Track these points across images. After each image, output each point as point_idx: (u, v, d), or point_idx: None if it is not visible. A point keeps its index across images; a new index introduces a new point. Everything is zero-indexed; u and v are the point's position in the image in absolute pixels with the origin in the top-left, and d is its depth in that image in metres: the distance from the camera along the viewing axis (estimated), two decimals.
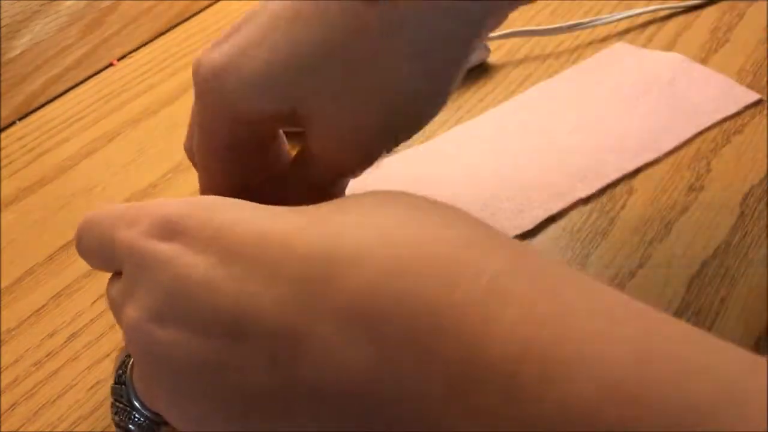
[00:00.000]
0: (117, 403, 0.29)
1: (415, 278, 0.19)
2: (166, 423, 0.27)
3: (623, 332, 0.18)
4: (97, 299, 0.39)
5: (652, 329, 0.18)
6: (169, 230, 0.23)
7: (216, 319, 0.21)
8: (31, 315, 0.39)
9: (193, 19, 0.61)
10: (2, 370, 0.37)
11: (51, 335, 0.38)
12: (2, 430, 0.34)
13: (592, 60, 0.51)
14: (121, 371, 0.29)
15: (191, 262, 0.22)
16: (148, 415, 0.28)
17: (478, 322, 0.18)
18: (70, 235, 0.43)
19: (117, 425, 0.29)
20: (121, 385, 0.29)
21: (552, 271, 0.20)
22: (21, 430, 0.34)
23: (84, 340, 0.38)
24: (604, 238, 0.39)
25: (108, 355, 0.37)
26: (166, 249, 0.23)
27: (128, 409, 0.28)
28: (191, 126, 0.32)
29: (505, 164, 0.43)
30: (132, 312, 0.24)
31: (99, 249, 0.27)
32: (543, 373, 0.17)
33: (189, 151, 0.33)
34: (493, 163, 0.43)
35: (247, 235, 0.22)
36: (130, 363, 0.28)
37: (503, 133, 0.46)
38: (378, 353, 0.19)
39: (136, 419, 0.28)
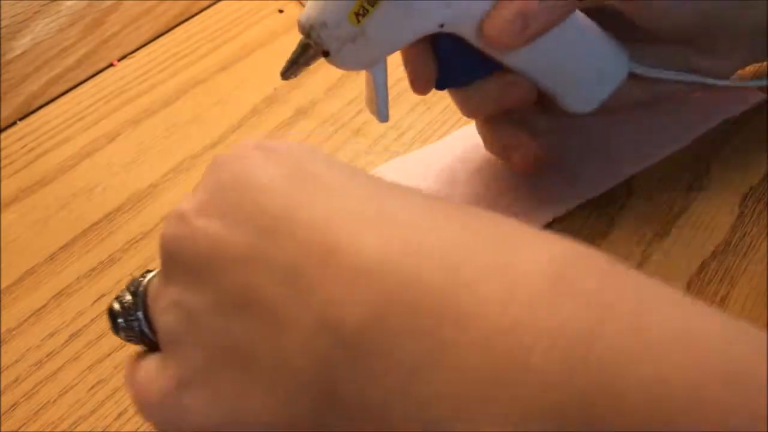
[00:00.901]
0: (125, 293, 0.27)
1: (469, 249, 0.20)
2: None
3: (615, 327, 0.18)
4: (98, 299, 0.40)
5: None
6: (268, 146, 0.25)
7: (255, 216, 0.22)
8: (31, 315, 0.39)
9: (193, 20, 0.61)
10: (2, 370, 0.37)
11: (51, 335, 0.38)
12: (2, 430, 0.34)
13: None
14: (146, 272, 0.28)
15: (262, 166, 0.24)
16: (143, 326, 0.27)
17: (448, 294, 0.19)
18: (71, 234, 0.43)
19: (110, 312, 0.28)
20: (142, 277, 0.28)
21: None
22: (21, 430, 0.34)
23: (84, 340, 0.38)
24: (604, 239, 0.39)
25: (108, 355, 0.37)
26: (254, 152, 0.24)
27: (131, 304, 0.27)
28: None
29: (503, 174, 0.43)
30: (184, 201, 0.25)
31: None
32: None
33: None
34: (496, 165, 0.43)
35: (323, 171, 0.23)
36: (151, 276, 0.27)
37: None
38: (378, 303, 0.19)
39: (130, 320, 0.27)
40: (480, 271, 0.19)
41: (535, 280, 0.19)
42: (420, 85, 0.37)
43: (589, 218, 0.40)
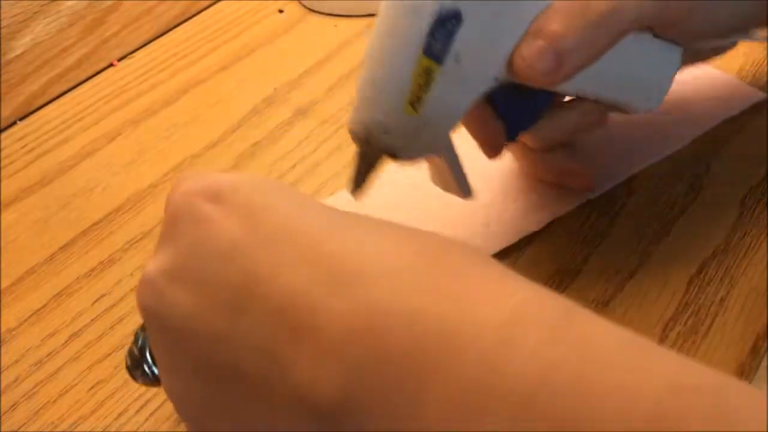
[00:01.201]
0: (133, 348, 0.29)
1: (434, 299, 0.20)
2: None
3: (652, 363, 0.18)
4: (98, 299, 0.40)
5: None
6: (217, 194, 0.25)
7: (224, 290, 0.22)
8: (31, 315, 0.39)
9: (193, 20, 0.61)
10: (2, 370, 0.37)
11: (51, 335, 0.38)
12: (2, 430, 0.34)
13: None
14: None
15: (222, 229, 0.23)
16: (156, 372, 0.28)
17: (492, 349, 0.19)
18: (71, 235, 0.43)
19: (127, 368, 0.30)
20: (143, 330, 0.30)
21: (566, 304, 0.21)
22: (21, 430, 0.34)
23: (84, 340, 0.38)
24: (605, 238, 0.39)
25: (108, 356, 0.37)
26: (206, 209, 0.24)
27: (140, 357, 0.29)
28: None
29: (508, 167, 0.43)
30: (151, 265, 0.25)
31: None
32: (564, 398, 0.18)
33: None
34: (498, 165, 0.43)
35: (283, 222, 0.23)
36: None
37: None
38: (372, 362, 0.20)
39: (145, 370, 0.29)
40: (440, 329, 0.20)
41: (487, 339, 0.19)
42: (494, 150, 0.37)
43: (589, 218, 0.40)
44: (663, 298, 0.36)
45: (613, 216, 0.40)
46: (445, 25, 0.31)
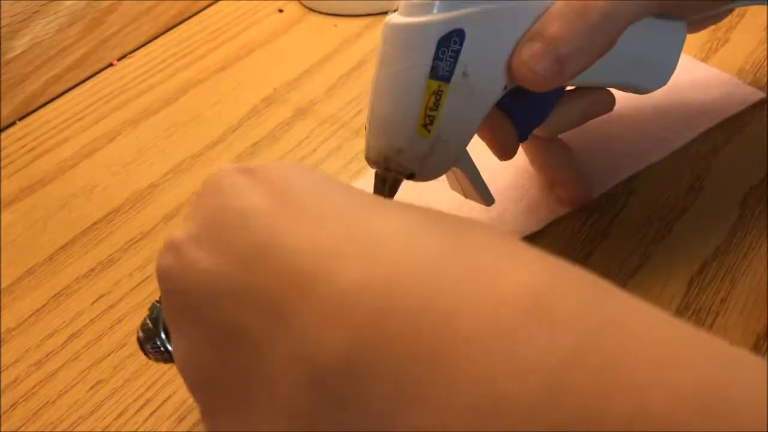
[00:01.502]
0: (147, 320, 0.29)
1: (444, 269, 0.20)
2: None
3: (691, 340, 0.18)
4: (97, 299, 0.39)
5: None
6: (251, 170, 0.25)
7: (239, 247, 0.23)
8: (31, 315, 0.39)
9: (192, 19, 0.61)
10: (2, 370, 0.37)
11: (51, 335, 0.38)
12: (2, 430, 0.34)
13: None
14: None
15: (248, 195, 0.24)
16: (168, 347, 0.29)
17: (504, 328, 0.18)
18: (70, 235, 0.43)
19: (138, 341, 0.30)
20: (159, 303, 0.29)
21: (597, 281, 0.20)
22: (21, 430, 0.34)
23: (84, 340, 0.38)
24: (605, 238, 0.39)
25: (108, 356, 0.37)
26: (238, 179, 0.25)
27: (153, 330, 0.29)
28: None
29: (512, 165, 0.43)
30: (179, 232, 0.25)
31: None
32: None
33: None
34: (500, 164, 0.43)
35: (307, 193, 0.23)
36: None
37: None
38: (379, 325, 0.19)
39: (156, 344, 0.29)
40: (459, 300, 0.19)
41: (513, 309, 0.18)
42: (507, 153, 0.37)
43: (590, 218, 0.40)
44: (664, 298, 0.36)
45: (613, 216, 0.40)
46: (450, 45, 0.31)
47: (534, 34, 0.32)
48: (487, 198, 0.36)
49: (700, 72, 0.48)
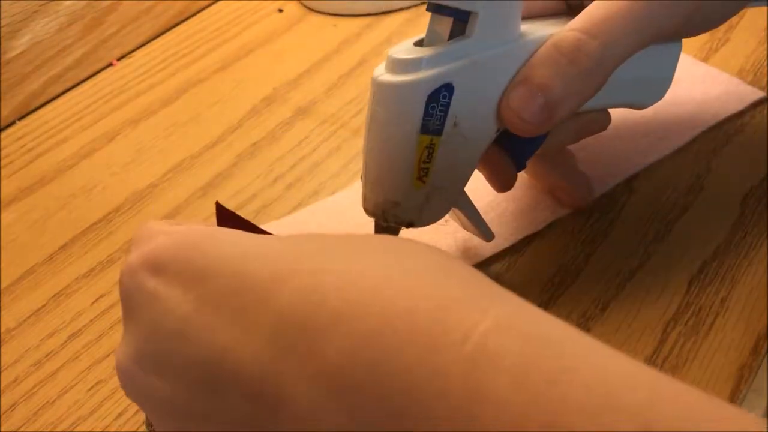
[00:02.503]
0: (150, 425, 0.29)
1: (392, 343, 0.18)
2: None
3: (627, 402, 0.17)
4: (97, 299, 0.39)
5: (656, 398, 0.17)
6: (158, 265, 0.23)
7: (191, 369, 0.21)
8: (31, 315, 0.39)
9: (192, 19, 0.61)
10: (2, 370, 0.36)
11: (51, 335, 0.38)
12: (2, 430, 0.34)
13: None
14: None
15: (171, 305, 0.22)
16: None
17: (467, 393, 0.17)
18: (70, 235, 0.43)
19: None
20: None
21: (540, 324, 0.19)
22: (21, 430, 0.34)
23: (84, 340, 0.38)
24: (605, 239, 0.39)
25: (108, 356, 0.37)
26: (151, 285, 0.23)
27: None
28: None
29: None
30: (119, 352, 0.24)
31: None
32: None
33: None
34: None
35: (227, 281, 0.22)
36: None
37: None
38: (352, 417, 0.18)
39: None
40: (412, 350, 0.18)
41: (459, 360, 0.18)
42: (506, 186, 0.37)
43: (590, 218, 0.40)
44: (664, 298, 0.36)
45: (613, 216, 0.40)
46: (439, 100, 0.31)
47: (522, 80, 0.31)
48: (486, 234, 0.36)
49: (700, 71, 0.48)
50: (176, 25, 0.60)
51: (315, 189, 0.44)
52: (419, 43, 0.32)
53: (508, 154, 0.36)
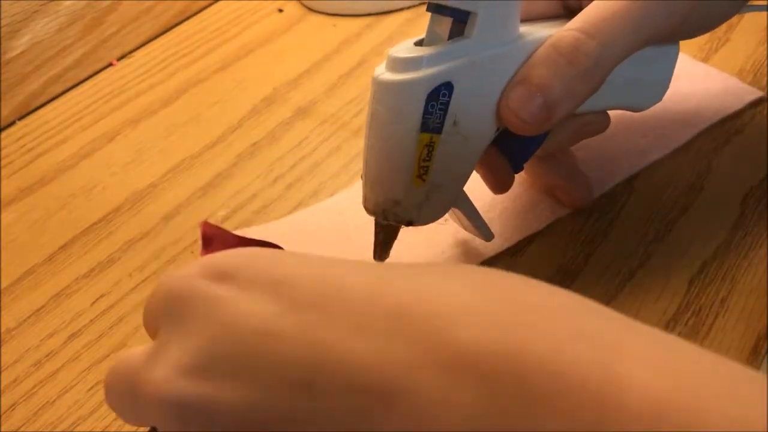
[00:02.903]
0: None
1: (527, 333, 0.18)
2: None
3: (744, 392, 0.17)
4: (97, 299, 0.39)
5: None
6: (224, 273, 0.21)
7: (282, 369, 0.20)
8: (31, 315, 0.39)
9: (192, 19, 0.61)
10: (2, 370, 0.36)
11: (51, 335, 0.38)
12: (2, 430, 0.34)
13: None
14: None
15: (248, 308, 0.20)
16: None
17: (607, 381, 0.17)
18: (70, 235, 0.43)
19: None
20: None
21: (659, 334, 0.19)
22: (21, 430, 0.34)
23: (84, 340, 0.38)
24: (605, 238, 0.39)
25: (108, 356, 0.37)
26: (219, 291, 0.21)
27: None
28: None
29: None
30: (161, 370, 0.21)
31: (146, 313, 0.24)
32: None
33: None
34: None
35: (320, 285, 0.21)
36: None
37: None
38: (489, 403, 0.18)
39: None
40: (543, 369, 0.18)
41: (593, 378, 0.18)
42: (503, 188, 0.37)
43: (590, 218, 0.40)
44: (664, 298, 0.36)
45: (613, 216, 0.40)
46: (439, 99, 0.31)
47: (521, 80, 0.32)
48: (486, 234, 0.37)
49: (698, 70, 0.48)
50: (176, 25, 0.60)
51: (315, 189, 0.44)
52: (419, 43, 0.32)
53: (505, 155, 0.36)
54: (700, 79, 0.47)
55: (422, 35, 0.32)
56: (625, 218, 0.40)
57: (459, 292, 0.20)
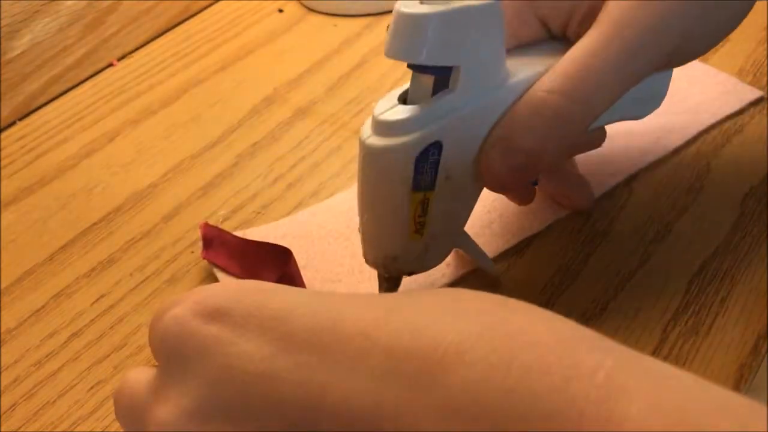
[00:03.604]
0: None
1: (524, 372, 0.18)
2: None
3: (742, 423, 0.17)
4: (97, 299, 0.39)
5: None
6: (216, 311, 0.21)
7: (281, 412, 0.20)
8: (31, 315, 0.39)
9: (192, 19, 0.61)
10: (2, 370, 0.37)
11: (51, 335, 0.38)
12: (2, 430, 0.34)
13: None
14: None
15: (243, 350, 0.20)
16: None
17: (603, 419, 0.17)
18: (71, 235, 0.43)
19: None
20: None
21: (654, 366, 0.19)
22: (21, 430, 0.34)
23: (84, 340, 0.38)
24: (605, 238, 0.39)
25: (108, 356, 0.37)
26: (212, 331, 0.21)
27: None
28: None
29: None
30: (165, 412, 0.21)
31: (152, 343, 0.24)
32: None
33: None
34: None
35: (313, 321, 0.20)
36: None
37: None
38: None
39: None
40: (557, 409, 0.18)
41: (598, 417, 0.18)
42: (526, 201, 0.39)
43: (590, 218, 0.40)
44: (663, 298, 0.36)
45: (613, 216, 0.40)
46: (428, 158, 0.30)
47: (501, 140, 0.31)
48: (489, 267, 0.37)
49: (698, 71, 0.48)
50: (176, 25, 0.60)
51: (315, 189, 0.44)
52: (404, 97, 0.31)
53: None
54: (700, 79, 0.47)
55: (406, 85, 0.32)
56: (625, 218, 0.40)
57: (458, 329, 0.19)
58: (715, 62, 0.49)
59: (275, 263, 0.38)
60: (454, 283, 0.37)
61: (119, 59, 0.57)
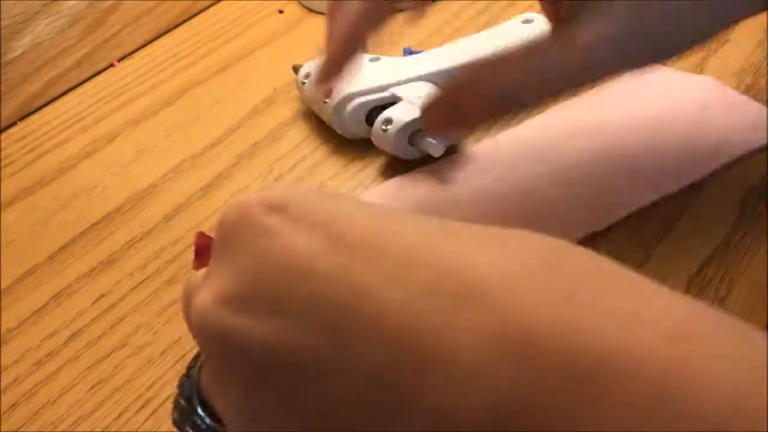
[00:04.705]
0: (179, 399, 0.25)
1: (579, 312, 0.17)
2: None
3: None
4: (98, 299, 0.40)
5: None
6: (278, 203, 0.21)
7: (318, 310, 0.19)
8: (31, 315, 0.39)
9: (193, 20, 0.61)
10: (2, 370, 0.37)
11: (51, 335, 0.38)
12: (2, 430, 0.34)
13: (617, 83, 0.41)
14: (192, 363, 0.26)
15: (292, 242, 0.20)
16: (209, 423, 0.24)
17: (668, 364, 0.16)
18: (71, 235, 0.43)
19: (174, 423, 0.25)
20: (188, 377, 0.25)
21: (727, 318, 0.18)
22: (21, 430, 0.34)
23: (84, 340, 0.38)
24: (605, 238, 0.39)
25: (108, 355, 0.37)
26: (268, 221, 0.21)
27: (188, 408, 0.24)
28: None
29: (519, 189, 0.41)
30: (204, 294, 0.21)
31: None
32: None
33: None
34: (504, 185, 0.42)
35: (367, 229, 0.20)
36: (204, 358, 0.25)
37: (520, 157, 0.43)
38: (529, 380, 0.16)
39: (196, 423, 0.24)
40: (599, 347, 0.16)
41: (658, 361, 0.17)
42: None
43: None
44: None
45: None
46: None
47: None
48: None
49: (729, 98, 0.45)
50: (177, 26, 0.60)
51: None
52: None
53: None
54: (731, 107, 0.44)
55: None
56: (625, 218, 0.40)
57: (512, 259, 0.18)
58: (714, 63, 0.49)
59: None
60: None
61: (120, 60, 0.57)
